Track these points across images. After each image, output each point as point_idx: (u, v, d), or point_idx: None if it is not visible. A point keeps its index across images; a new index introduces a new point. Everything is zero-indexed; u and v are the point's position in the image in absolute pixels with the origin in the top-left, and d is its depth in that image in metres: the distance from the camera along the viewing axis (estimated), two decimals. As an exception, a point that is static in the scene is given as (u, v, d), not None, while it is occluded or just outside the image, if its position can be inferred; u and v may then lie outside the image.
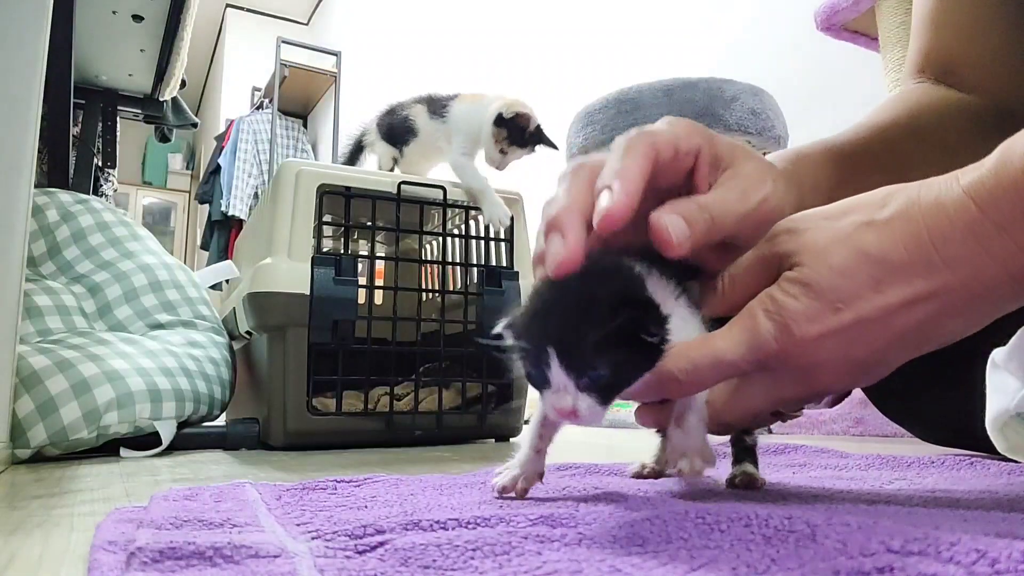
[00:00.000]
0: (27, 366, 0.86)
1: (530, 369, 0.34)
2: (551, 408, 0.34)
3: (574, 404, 0.33)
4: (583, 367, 0.33)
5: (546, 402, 0.34)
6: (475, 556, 0.27)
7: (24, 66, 0.78)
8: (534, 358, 0.34)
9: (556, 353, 0.33)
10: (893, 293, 0.31)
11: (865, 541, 0.24)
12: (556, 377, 0.33)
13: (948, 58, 0.57)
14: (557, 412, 0.34)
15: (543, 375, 0.33)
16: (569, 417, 0.34)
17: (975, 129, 0.53)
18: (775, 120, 1.38)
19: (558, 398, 0.33)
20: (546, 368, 0.33)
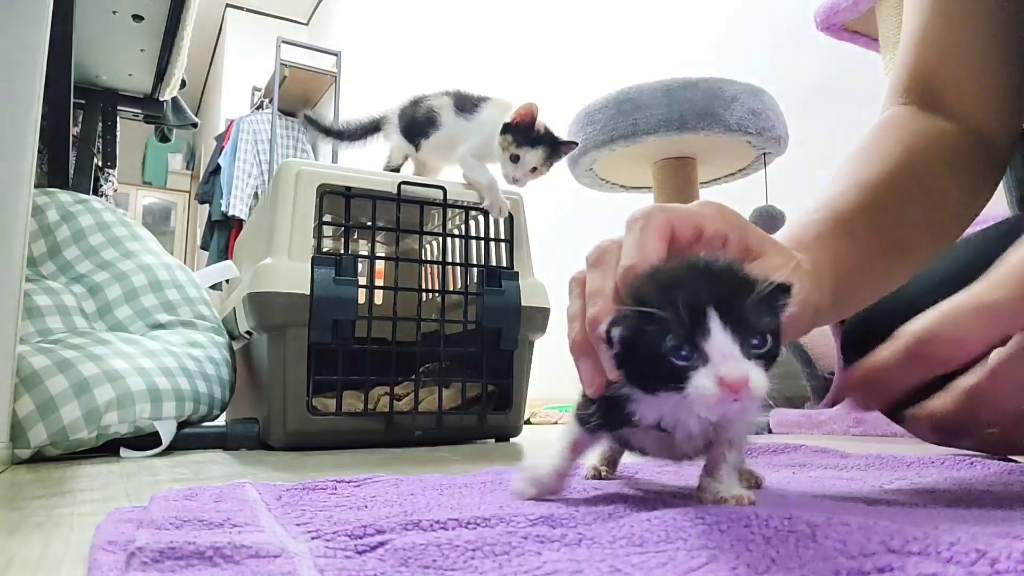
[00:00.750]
0: (27, 366, 0.86)
1: (674, 343, 0.29)
2: (713, 385, 0.28)
3: (747, 372, 0.28)
4: (749, 328, 0.29)
5: (703, 381, 0.28)
6: (475, 556, 0.27)
7: (24, 66, 0.78)
8: (683, 325, 0.29)
9: (719, 314, 0.28)
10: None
11: (865, 541, 0.24)
12: (719, 344, 0.28)
13: (932, 77, 0.56)
14: (728, 384, 0.28)
15: (694, 347, 0.29)
16: (739, 393, 0.28)
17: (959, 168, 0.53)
18: (775, 120, 1.38)
19: (730, 367, 0.28)
20: (701, 336, 0.28)
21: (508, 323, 1.14)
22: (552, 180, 1.68)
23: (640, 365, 0.31)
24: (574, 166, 1.54)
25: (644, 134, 1.34)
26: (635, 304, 0.30)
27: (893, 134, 0.54)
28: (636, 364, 0.31)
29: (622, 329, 0.31)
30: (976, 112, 0.55)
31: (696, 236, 0.36)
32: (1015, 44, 0.55)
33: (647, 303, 0.30)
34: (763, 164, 1.49)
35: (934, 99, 0.56)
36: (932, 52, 0.57)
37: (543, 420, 1.92)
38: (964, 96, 0.55)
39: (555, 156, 1.16)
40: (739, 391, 0.28)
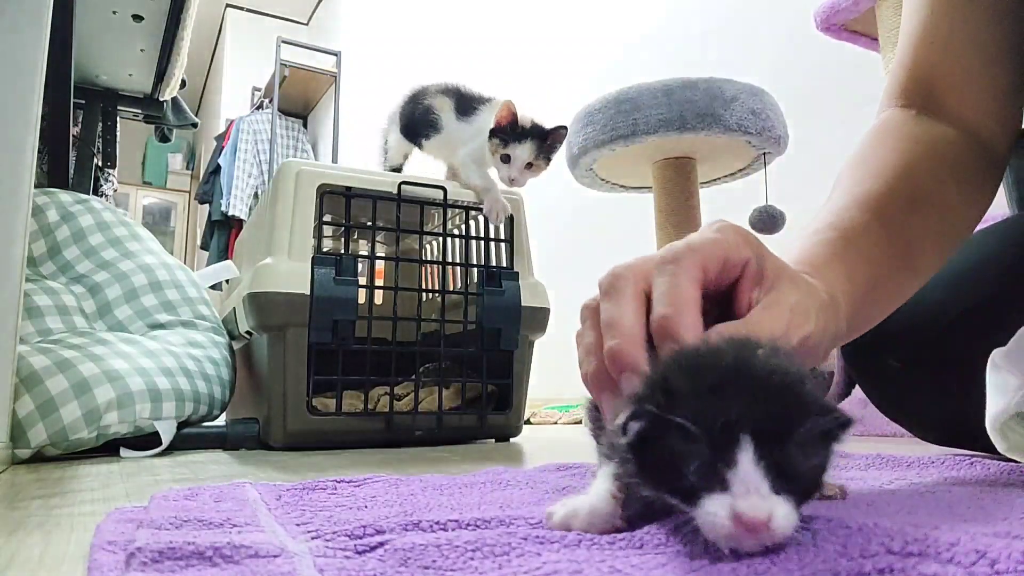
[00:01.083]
0: (27, 366, 0.86)
1: (696, 461, 0.25)
2: (727, 518, 0.24)
3: (770, 512, 0.24)
4: (785, 462, 0.25)
5: (717, 509, 0.25)
6: (475, 557, 0.27)
7: (24, 66, 0.78)
8: (710, 447, 0.25)
9: (754, 444, 0.25)
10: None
11: (865, 543, 0.24)
12: (746, 474, 0.24)
13: (932, 77, 0.56)
14: (745, 523, 0.24)
15: (714, 471, 0.25)
16: (755, 534, 0.24)
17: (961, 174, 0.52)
18: (775, 120, 1.38)
19: (751, 504, 0.24)
20: (726, 462, 0.25)
21: (508, 323, 1.14)
22: (552, 180, 1.68)
23: (652, 465, 0.27)
24: (574, 166, 1.54)
25: (644, 134, 1.34)
26: (665, 399, 0.27)
27: (892, 141, 0.54)
28: (648, 462, 0.28)
29: (641, 426, 0.27)
30: (975, 114, 0.55)
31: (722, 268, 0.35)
32: (1014, 44, 0.55)
33: (678, 409, 0.26)
34: (763, 164, 1.49)
35: (933, 101, 0.56)
36: (932, 52, 0.56)
37: (543, 420, 1.92)
38: (964, 97, 0.55)
39: (548, 147, 1.15)
40: (757, 532, 0.24)
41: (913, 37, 0.57)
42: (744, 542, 0.24)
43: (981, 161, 0.55)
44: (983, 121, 0.55)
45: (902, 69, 0.58)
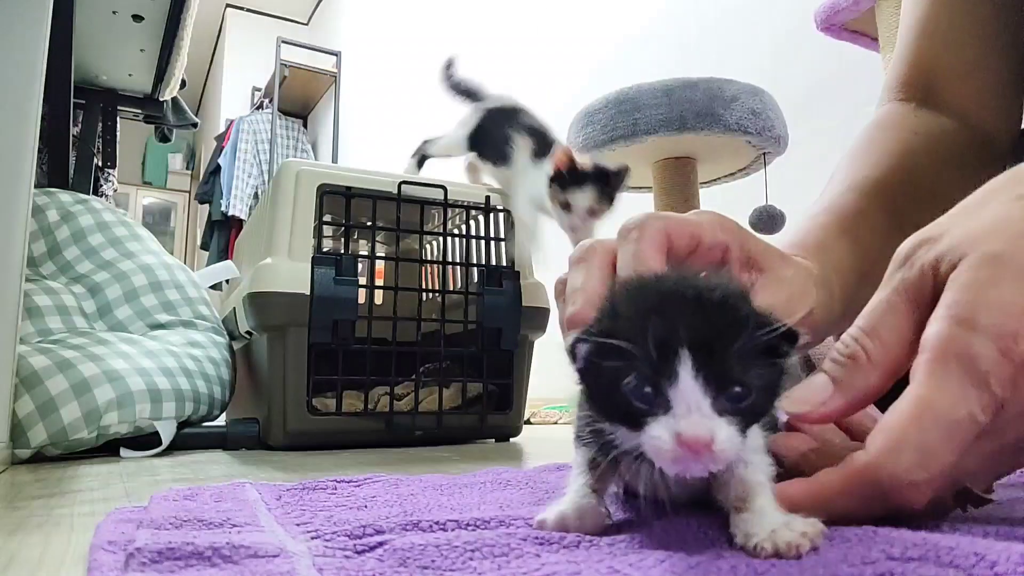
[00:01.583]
0: (27, 366, 0.86)
1: (636, 383, 0.25)
2: (669, 439, 0.24)
3: (712, 432, 0.24)
4: (727, 379, 0.24)
5: (660, 432, 0.24)
6: (474, 557, 0.27)
7: (24, 66, 0.78)
8: (649, 366, 0.24)
9: (692, 358, 0.24)
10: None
11: (866, 552, 0.24)
12: (686, 392, 0.24)
13: (933, 70, 0.56)
14: (686, 443, 0.24)
15: (657, 391, 0.24)
16: (699, 454, 0.24)
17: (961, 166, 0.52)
18: (775, 120, 1.38)
19: (691, 423, 0.24)
20: (667, 380, 0.24)
21: (509, 323, 1.14)
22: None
23: (600, 392, 0.27)
24: (574, 166, 1.54)
25: (644, 134, 1.34)
26: (604, 324, 0.26)
27: (891, 132, 0.54)
28: (596, 389, 0.27)
29: (587, 348, 0.27)
30: (976, 107, 0.55)
31: (694, 246, 0.34)
32: (1015, 37, 0.55)
33: (614, 328, 0.26)
34: (763, 164, 1.49)
35: (933, 94, 0.55)
36: (933, 44, 0.56)
37: (543, 420, 1.92)
38: (965, 90, 0.55)
39: (610, 189, 1.05)
40: (699, 452, 0.24)
41: (914, 30, 0.57)
42: (689, 466, 0.24)
43: (982, 153, 0.55)
44: (984, 114, 0.55)
45: (902, 62, 0.58)
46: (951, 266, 0.27)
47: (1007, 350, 0.24)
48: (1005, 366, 0.24)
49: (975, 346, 0.25)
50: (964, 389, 0.25)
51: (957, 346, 0.25)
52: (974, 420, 0.25)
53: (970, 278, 0.26)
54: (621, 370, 0.25)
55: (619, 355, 0.25)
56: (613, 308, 0.27)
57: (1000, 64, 0.55)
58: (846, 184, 0.49)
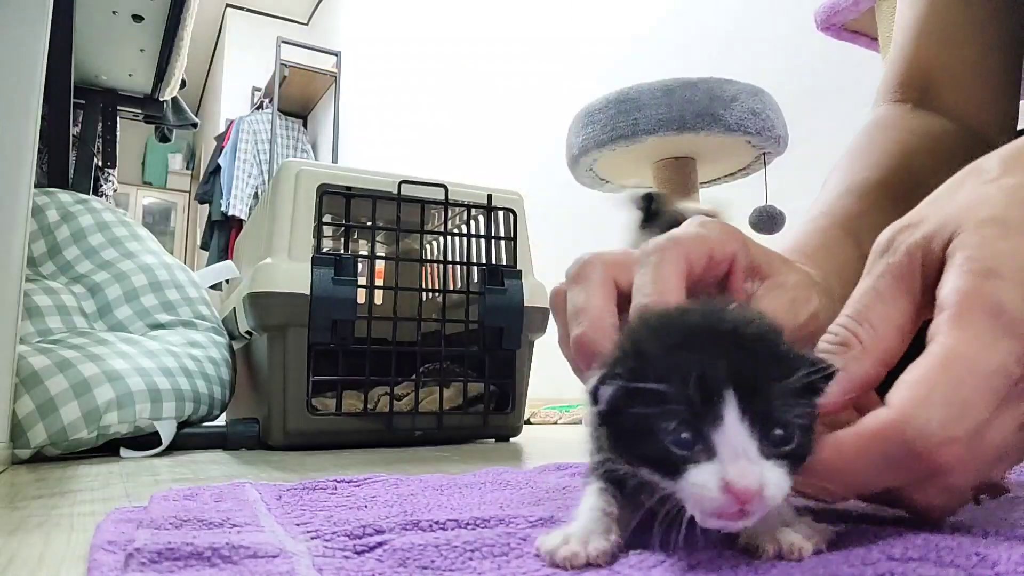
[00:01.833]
0: (27, 366, 0.86)
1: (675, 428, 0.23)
2: (715, 488, 0.22)
3: (761, 479, 0.22)
4: (772, 421, 0.23)
5: (705, 479, 0.22)
6: (473, 557, 0.27)
7: (24, 66, 0.78)
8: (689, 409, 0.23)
9: (738, 399, 0.22)
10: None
11: (866, 552, 0.24)
12: (732, 437, 0.22)
13: (930, 70, 0.55)
14: (735, 493, 0.22)
15: (698, 436, 0.23)
16: (748, 504, 0.22)
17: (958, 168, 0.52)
18: (775, 120, 1.38)
19: (740, 470, 0.22)
20: (710, 424, 0.22)
21: (511, 322, 1.14)
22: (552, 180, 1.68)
23: (628, 437, 0.25)
24: (574, 166, 1.54)
25: (644, 134, 1.34)
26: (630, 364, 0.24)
27: (889, 133, 0.54)
28: (623, 434, 0.25)
29: (613, 391, 0.24)
30: (973, 107, 0.54)
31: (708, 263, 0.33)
32: (1012, 37, 0.55)
33: (643, 368, 0.24)
34: (763, 164, 1.49)
35: (930, 94, 0.55)
36: (930, 45, 0.56)
37: (543, 420, 1.92)
38: (962, 90, 0.55)
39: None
40: (748, 502, 0.22)
41: (910, 30, 0.57)
42: (734, 517, 0.22)
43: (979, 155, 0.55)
44: (981, 115, 0.55)
45: (899, 63, 0.57)
46: (944, 241, 0.26)
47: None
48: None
49: (1001, 293, 0.23)
50: (995, 338, 0.23)
51: (983, 296, 0.24)
52: (1007, 372, 0.23)
53: (978, 237, 0.25)
54: (657, 415, 0.23)
55: (653, 398, 0.23)
56: (638, 346, 0.25)
57: (997, 65, 0.55)
58: (844, 186, 0.49)
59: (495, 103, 2.98)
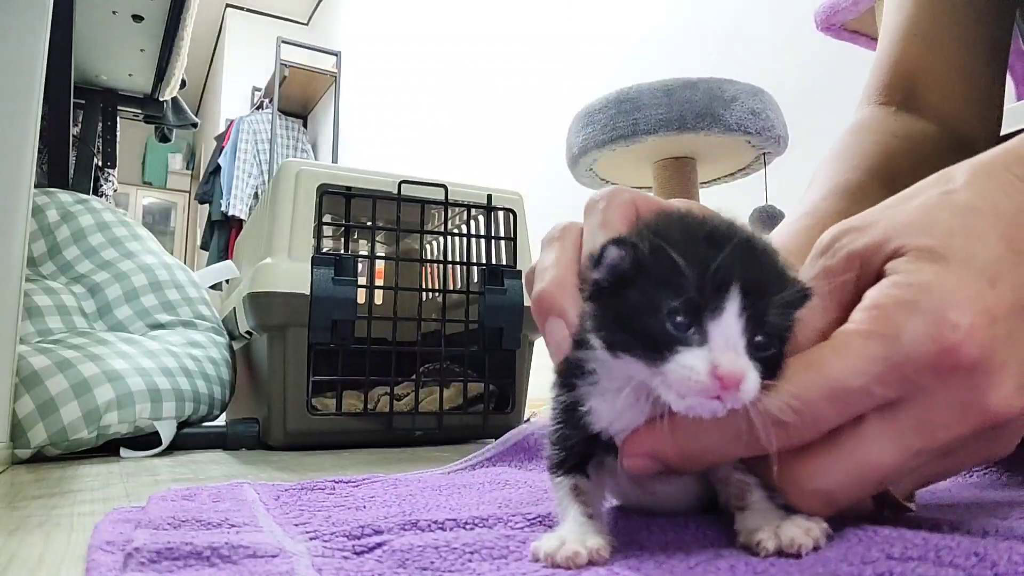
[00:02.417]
0: (27, 366, 0.86)
1: (677, 305, 0.24)
2: (703, 371, 0.23)
3: (745, 371, 0.23)
4: (762, 326, 0.24)
5: (694, 362, 0.23)
6: (472, 559, 0.27)
7: (24, 66, 0.78)
8: (699, 291, 0.24)
9: (741, 297, 0.24)
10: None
11: (865, 551, 0.24)
12: (728, 329, 0.24)
13: (916, 73, 0.55)
14: (721, 377, 0.23)
15: (695, 322, 0.24)
16: (728, 391, 0.23)
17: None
18: (775, 120, 1.38)
19: (730, 358, 0.23)
20: (710, 313, 0.24)
21: (511, 322, 1.14)
22: (552, 180, 1.68)
23: (620, 311, 0.25)
24: (574, 166, 1.54)
25: (644, 134, 1.34)
26: (652, 241, 0.25)
27: (871, 135, 0.53)
28: (614, 307, 0.25)
29: (622, 257, 0.25)
30: (958, 110, 0.54)
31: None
32: (996, 41, 0.55)
33: (666, 251, 0.24)
34: (763, 164, 1.49)
35: (914, 97, 0.55)
36: (917, 47, 0.56)
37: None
38: (946, 93, 0.54)
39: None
40: (728, 389, 0.23)
41: (896, 32, 0.57)
42: (708, 404, 0.24)
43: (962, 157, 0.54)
44: (965, 118, 0.55)
45: (884, 65, 0.57)
46: (885, 256, 0.27)
47: (936, 336, 0.24)
48: (930, 349, 0.24)
49: (906, 327, 0.24)
50: (873, 363, 0.24)
51: (889, 323, 0.25)
52: (869, 393, 0.24)
53: (912, 266, 0.25)
54: (662, 292, 0.24)
55: (661, 276, 0.24)
56: (655, 229, 0.26)
57: (982, 68, 0.55)
58: (827, 188, 0.49)
59: (495, 103, 2.98)
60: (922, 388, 0.24)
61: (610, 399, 0.27)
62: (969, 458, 0.27)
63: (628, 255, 0.25)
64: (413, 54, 3.75)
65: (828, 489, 0.25)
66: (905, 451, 0.25)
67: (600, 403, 0.27)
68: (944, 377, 0.24)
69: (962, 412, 0.24)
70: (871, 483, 0.26)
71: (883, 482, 0.26)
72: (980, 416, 0.24)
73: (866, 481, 0.25)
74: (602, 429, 0.27)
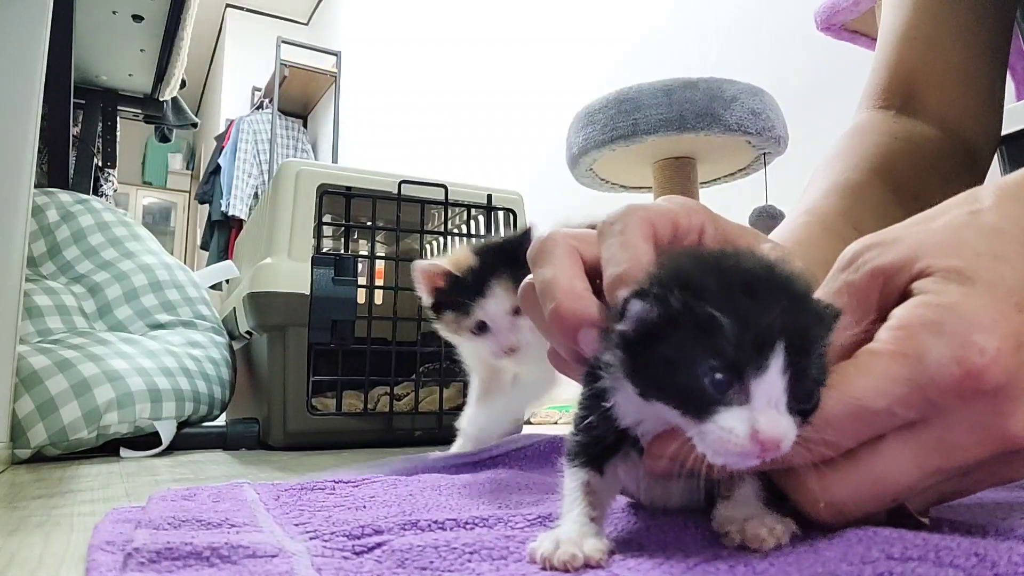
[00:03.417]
0: (27, 366, 0.86)
1: (715, 368, 0.22)
2: (744, 435, 0.22)
3: (786, 432, 0.22)
4: (806, 379, 0.23)
5: (734, 424, 0.22)
6: (472, 559, 0.27)
7: (24, 66, 0.78)
8: (741, 348, 0.22)
9: (786, 351, 0.22)
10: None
11: (865, 551, 0.24)
12: (772, 387, 0.22)
13: (915, 76, 0.55)
14: (762, 442, 0.22)
15: (736, 379, 0.22)
16: (767, 453, 0.22)
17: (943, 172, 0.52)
18: (775, 120, 1.38)
19: (772, 422, 0.22)
20: (753, 372, 0.22)
21: (508, 323, 1.14)
22: (552, 180, 1.68)
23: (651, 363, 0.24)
24: (574, 166, 1.54)
25: (644, 134, 1.34)
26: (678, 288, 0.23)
27: (870, 137, 0.53)
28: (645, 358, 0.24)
29: (647, 311, 0.23)
30: (957, 114, 0.54)
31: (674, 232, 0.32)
32: (994, 42, 0.55)
33: (700, 302, 0.23)
34: (763, 164, 1.49)
35: (914, 101, 0.55)
36: (915, 49, 0.55)
37: (543, 420, 1.92)
38: (946, 96, 0.54)
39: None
40: (768, 451, 0.22)
41: (896, 35, 0.56)
42: (746, 462, 0.23)
43: (963, 159, 0.54)
44: (964, 121, 0.54)
45: (882, 68, 0.57)
46: (910, 276, 0.26)
47: (962, 359, 0.23)
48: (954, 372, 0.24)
49: (932, 350, 0.24)
50: (897, 383, 0.24)
51: (915, 344, 0.24)
52: (892, 414, 0.24)
53: (940, 286, 0.25)
54: (701, 349, 0.23)
55: (696, 330, 0.23)
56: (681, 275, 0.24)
57: (982, 71, 0.55)
58: (827, 186, 0.49)
59: (495, 103, 2.98)
60: (944, 410, 0.24)
61: (636, 399, 0.26)
62: (987, 479, 0.27)
63: (655, 308, 0.23)
64: (413, 54, 3.75)
65: (841, 502, 0.25)
66: (922, 470, 0.25)
67: (626, 400, 0.26)
68: (967, 400, 0.24)
69: (983, 435, 0.24)
70: (886, 500, 0.26)
71: (897, 499, 0.26)
72: (1000, 440, 0.24)
73: (881, 498, 0.25)
74: (628, 426, 0.27)
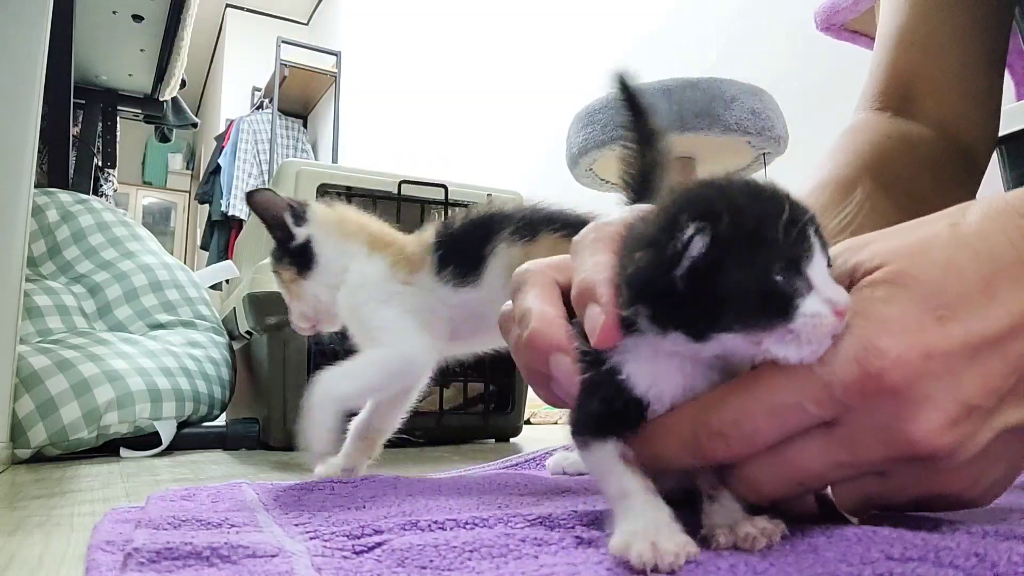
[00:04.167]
0: (27, 366, 0.86)
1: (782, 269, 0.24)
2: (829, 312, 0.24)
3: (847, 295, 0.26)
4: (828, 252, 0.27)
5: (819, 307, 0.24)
6: (472, 558, 0.27)
7: (24, 66, 0.78)
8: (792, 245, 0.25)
9: (816, 235, 0.26)
10: (1012, 299, 0.25)
11: (865, 551, 0.24)
12: (821, 268, 0.25)
13: (912, 78, 0.55)
14: (841, 312, 0.25)
15: (799, 273, 0.25)
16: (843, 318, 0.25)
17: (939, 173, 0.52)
18: (775, 120, 1.38)
19: (838, 292, 0.25)
20: (806, 260, 0.25)
21: (508, 323, 1.14)
22: (552, 180, 1.68)
23: (715, 293, 0.25)
24: (574, 166, 1.54)
25: (644, 134, 1.34)
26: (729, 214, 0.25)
27: (864, 135, 0.54)
28: (706, 293, 0.25)
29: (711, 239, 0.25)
30: (954, 116, 0.54)
31: None
32: (991, 45, 0.55)
33: (745, 212, 0.25)
34: (763, 164, 1.49)
35: (910, 103, 0.55)
36: (913, 52, 0.55)
37: (543, 420, 1.92)
38: (943, 99, 0.54)
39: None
40: (843, 319, 0.25)
41: (893, 39, 0.56)
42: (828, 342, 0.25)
43: (959, 161, 0.54)
44: (961, 124, 0.54)
45: (880, 71, 0.57)
46: (862, 275, 0.27)
47: (862, 359, 0.25)
48: (854, 372, 0.25)
49: (838, 347, 0.25)
50: (808, 382, 0.25)
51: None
52: (804, 410, 0.26)
53: (871, 291, 0.26)
54: (761, 256, 0.25)
55: (753, 243, 0.25)
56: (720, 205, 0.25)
57: (979, 73, 0.55)
58: (816, 183, 0.49)
59: (495, 103, 2.98)
60: (852, 409, 0.25)
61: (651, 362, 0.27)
62: (911, 487, 0.27)
63: (710, 237, 0.25)
64: (413, 54, 3.75)
65: (756, 479, 0.27)
66: (827, 461, 0.26)
67: (637, 368, 0.27)
68: (870, 400, 0.25)
69: (885, 436, 0.25)
70: (793, 482, 0.27)
71: (805, 483, 0.27)
72: (901, 443, 0.25)
73: (788, 479, 0.27)
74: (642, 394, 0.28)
